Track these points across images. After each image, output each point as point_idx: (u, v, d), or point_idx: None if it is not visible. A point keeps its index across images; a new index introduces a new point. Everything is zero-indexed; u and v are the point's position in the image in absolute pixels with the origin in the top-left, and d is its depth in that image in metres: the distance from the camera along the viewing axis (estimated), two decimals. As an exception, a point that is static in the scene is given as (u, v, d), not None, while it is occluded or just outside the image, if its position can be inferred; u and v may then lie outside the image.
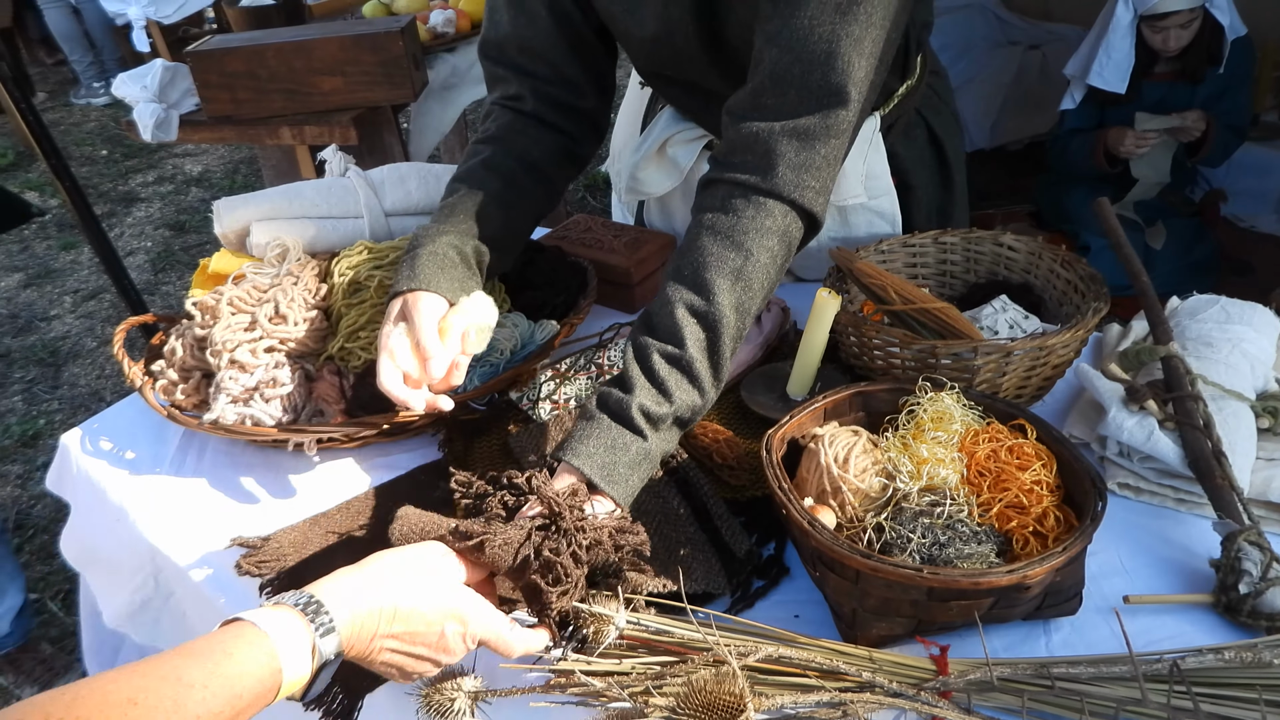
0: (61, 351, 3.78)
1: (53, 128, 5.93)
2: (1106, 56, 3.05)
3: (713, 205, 1.08)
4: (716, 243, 1.05)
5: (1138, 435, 1.08)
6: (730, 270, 1.04)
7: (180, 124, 2.51)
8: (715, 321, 1.02)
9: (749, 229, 1.05)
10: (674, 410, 1.01)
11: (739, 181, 1.07)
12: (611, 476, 0.97)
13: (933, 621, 0.90)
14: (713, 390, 1.04)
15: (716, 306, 1.02)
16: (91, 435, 1.41)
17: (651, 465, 1.01)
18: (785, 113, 1.06)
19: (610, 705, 0.85)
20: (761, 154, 1.06)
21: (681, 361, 1.02)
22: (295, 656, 0.73)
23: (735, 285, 1.04)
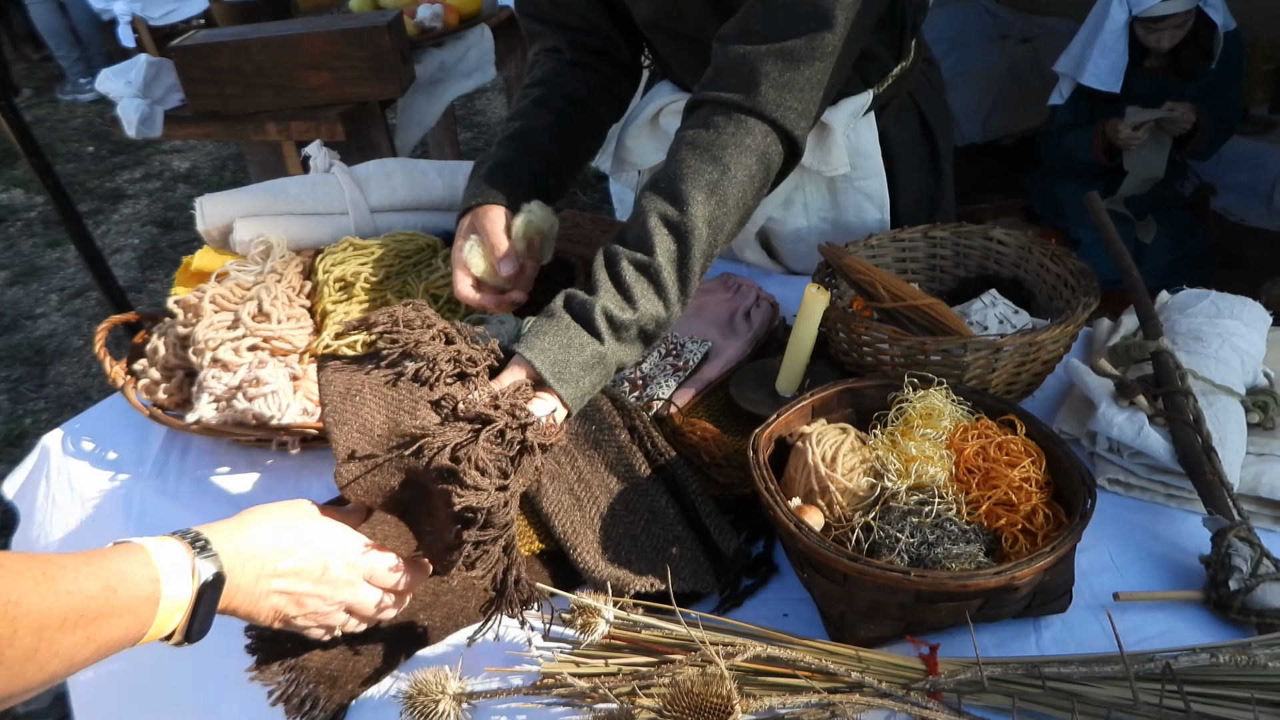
0: (47, 350, 3.75)
1: (38, 124, 5.92)
2: (1101, 57, 3.05)
3: (695, 123, 1.10)
4: (695, 156, 1.06)
5: (1128, 431, 1.08)
6: (706, 183, 1.04)
7: (166, 120, 2.48)
8: (687, 233, 1.03)
9: (728, 144, 1.06)
10: (638, 318, 1.01)
11: (722, 100, 1.09)
12: (562, 375, 0.96)
13: (921, 623, 0.89)
14: (678, 304, 1.04)
15: (689, 218, 1.03)
16: (73, 435, 1.39)
17: (606, 372, 1.01)
18: (773, 35, 1.08)
19: (597, 706, 0.84)
20: (746, 74, 1.08)
21: (650, 269, 1.02)
22: (173, 570, 0.71)
23: (710, 199, 1.04)
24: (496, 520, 0.82)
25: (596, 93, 1.44)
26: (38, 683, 0.63)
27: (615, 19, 1.44)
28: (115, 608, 0.67)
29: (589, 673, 0.86)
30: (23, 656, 0.61)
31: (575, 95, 1.41)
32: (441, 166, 1.58)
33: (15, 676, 0.61)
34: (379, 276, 1.37)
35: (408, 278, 1.38)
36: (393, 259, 1.40)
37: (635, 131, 1.63)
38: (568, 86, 1.41)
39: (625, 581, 0.98)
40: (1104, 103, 3.17)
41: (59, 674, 0.65)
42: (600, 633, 0.87)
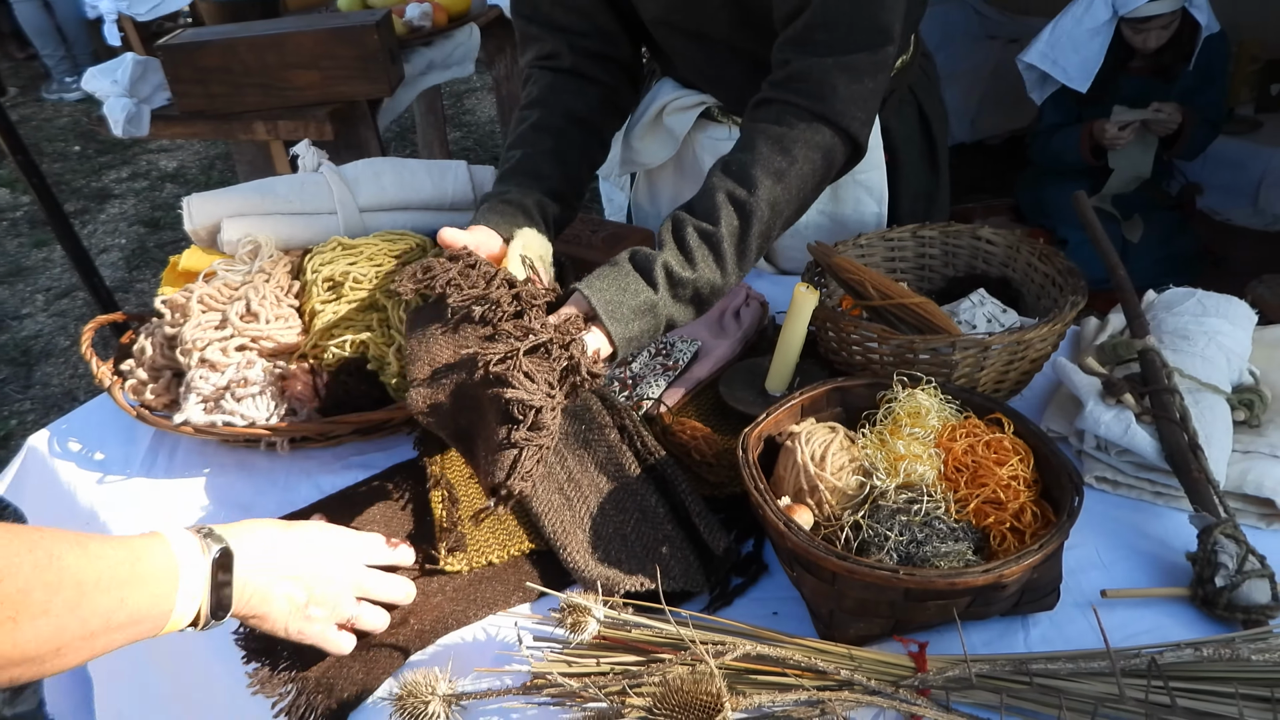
0: (33, 351, 3.73)
1: (24, 123, 5.88)
2: (1074, 51, 3.05)
3: (768, 117, 1.16)
4: (767, 145, 1.13)
5: (1115, 429, 1.08)
6: (774, 170, 1.11)
7: (153, 119, 2.47)
8: (750, 212, 1.10)
9: (799, 139, 1.13)
10: (695, 278, 1.06)
11: (795, 103, 1.15)
12: (614, 314, 1.01)
13: (911, 621, 0.90)
14: (734, 275, 1.11)
15: (755, 198, 1.10)
16: (60, 436, 1.38)
17: (656, 323, 1.06)
18: (837, 48, 1.14)
19: (587, 706, 0.84)
20: (816, 84, 1.14)
21: (712, 238, 1.08)
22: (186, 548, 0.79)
23: (776, 185, 1.11)
24: (544, 422, 0.89)
25: (597, 106, 1.42)
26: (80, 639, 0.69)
27: (618, 15, 1.43)
28: (140, 575, 0.74)
29: (579, 672, 0.86)
30: (67, 607, 0.67)
31: (575, 112, 1.38)
32: (430, 166, 1.58)
33: (62, 629, 0.67)
34: (368, 276, 1.36)
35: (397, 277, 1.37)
36: (381, 258, 1.39)
37: (640, 132, 1.62)
38: (566, 104, 1.38)
39: (615, 581, 0.98)
40: (1091, 103, 3.18)
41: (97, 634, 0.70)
42: (590, 632, 0.87)
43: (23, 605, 0.64)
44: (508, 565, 1.07)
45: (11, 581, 0.64)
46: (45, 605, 0.66)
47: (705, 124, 1.59)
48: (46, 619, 0.66)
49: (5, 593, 0.63)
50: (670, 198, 1.75)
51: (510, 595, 1.03)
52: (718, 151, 1.58)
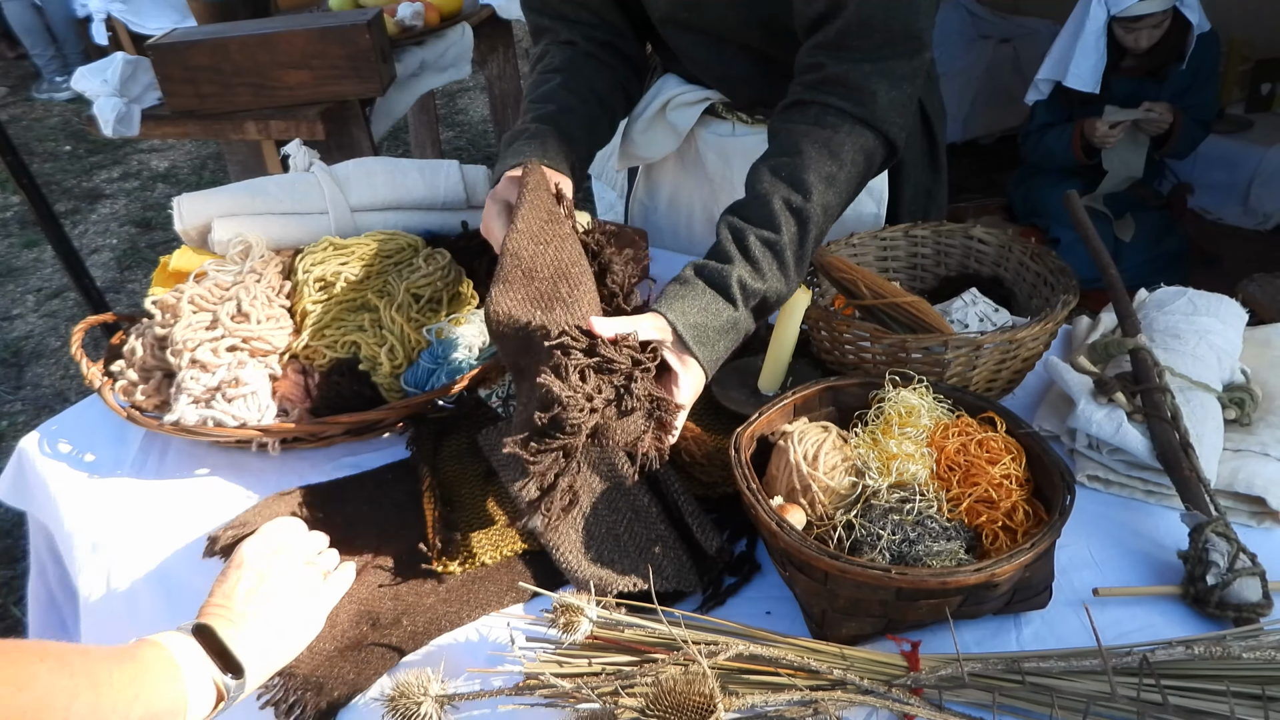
0: (24, 351, 3.71)
1: (14, 123, 5.85)
2: (1083, 57, 3.07)
3: (807, 119, 1.15)
4: (815, 149, 1.11)
5: (1106, 427, 1.08)
6: (826, 174, 1.10)
7: (143, 119, 2.45)
8: (807, 218, 1.08)
9: (845, 143, 1.12)
10: (765, 289, 1.05)
11: (836, 106, 1.14)
12: (702, 339, 1.01)
13: (903, 620, 0.90)
14: (796, 282, 1.10)
15: (811, 204, 1.08)
16: (50, 438, 1.37)
17: (737, 337, 1.05)
18: (873, 55, 1.13)
19: (580, 706, 0.84)
20: (856, 89, 1.13)
21: (776, 247, 1.06)
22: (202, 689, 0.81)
23: (828, 189, 1.10)
24: (567, 422, 0.89)
25: (613, 88, 1.44)
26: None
27: (625, 12, 1.44)
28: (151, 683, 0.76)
29: (572, 673, 0.86)
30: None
31: (596, 87, 1.40)
32: (423, 165, 1.57)
33: None
34: (359, 276, 1.36)
35: (388, 277, 1.37)
36: (373, 258, 1.39)
37: (642, 126, 1.62)
38: (589, 78, 1.40)
39: (608, 581, 0.98)
40: (1082, 103, 3.19)
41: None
42: (583, 632, 0.87)
43: (45, 711, 0.65)
44: (500, 566, 1.07)
45: (32, 690, 0.65)
46: (66, 709, 0.67)
47: (708, 120, 1.59)
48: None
49: (26, 701, 0.64)
50: (670, 194, 1.75)
51: (503, 596, 1.02)
52: (721, 147, 1.59)
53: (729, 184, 1.61)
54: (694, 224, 1.75)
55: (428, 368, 1.28)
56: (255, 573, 0.92)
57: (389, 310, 1.31)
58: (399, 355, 1.28)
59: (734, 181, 1.59)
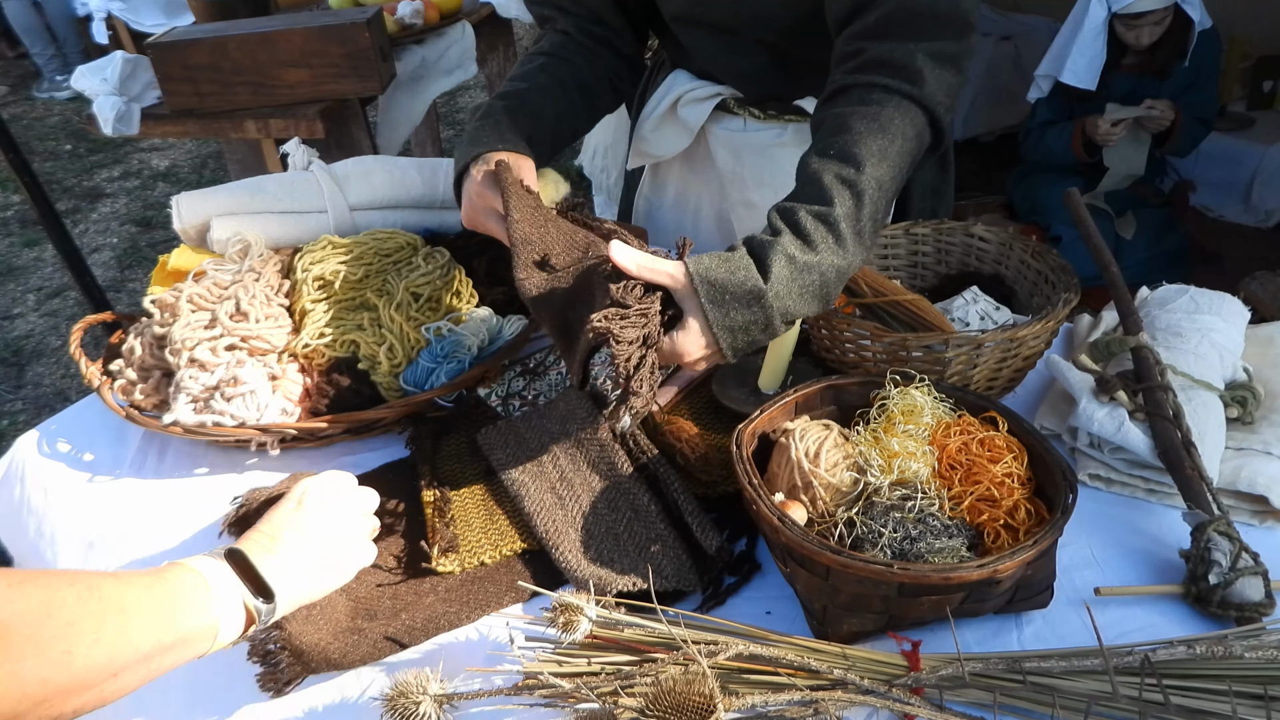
0: (25, 351, 3.71)
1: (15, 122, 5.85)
2: (1080, 54, 3.07)
3: (850, 101, 1.10)
4: (864, 124, 1.06)
5: (1108, 426, 1.08)
6: (877, 149, 1.05)
7: (143, 118, 2.45)
8: (862, 191, 1.03)
9: (894, 118, 1.07)
10: (818, 262, 0.99)
11: (882, 84, 1.09)
12: (715, 298, 0.96)
13: (904, 617, 0.89)
14: (857, 257, 1.03)
15: (864, 176, 1.03)
16: (49, 437, 1.37)
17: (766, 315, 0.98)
18: (919, 37, 1.09)
19: (579, 706, 0.84)
20: (902, 68, 1.09)
21: (829, 219, 1.01)
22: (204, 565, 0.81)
23: (880, 163, 1.05)
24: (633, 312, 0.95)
25: (599, 79, 1.43)
26: (135, 662, 0.70)
27: (624, 12, 1.44)
28: (174, 594, 0.76)
29: (571, 672, 0.86)
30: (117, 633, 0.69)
31: (580, 75, 1.40)
32: (421, 164, 1.57)
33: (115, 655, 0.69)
34: (358, 275, 1.36)
35: (387, 276, 1.37)
36: (372, 257, 1.39)
37: (655, 123, 1.61)
38: (574, 65, 1.40)
39: (607, 581, 0.98)
40: (1083, 100, 3.19)
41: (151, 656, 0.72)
42: (582, 632, 0.86)
43: (75, 637, 0.66)
44: (500, 565, 1.06)
45: (60, 615, 0.66)
46: (96, 634, 0.67)
47: (720, 115, 1.58)
48: (100, 647, 0.67)
49: (56, 626, 0.65)
50: (677, 192, 1.74)
51: (503, 595, 1.02)
52: (732, 143, 1.58)
53: (740, 180, 1.60)
54: (701, 221, 1.74)
55: (427, 367, 1.28)
56: (306, 506, 0.93)
57: (388, 309, 1.31)
58: (398, 354, 1.28)
59: (745, 178, 1.59)
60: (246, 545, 0.86)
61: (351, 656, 0.93)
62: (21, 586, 0.65)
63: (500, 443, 1.21)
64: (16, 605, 0.64)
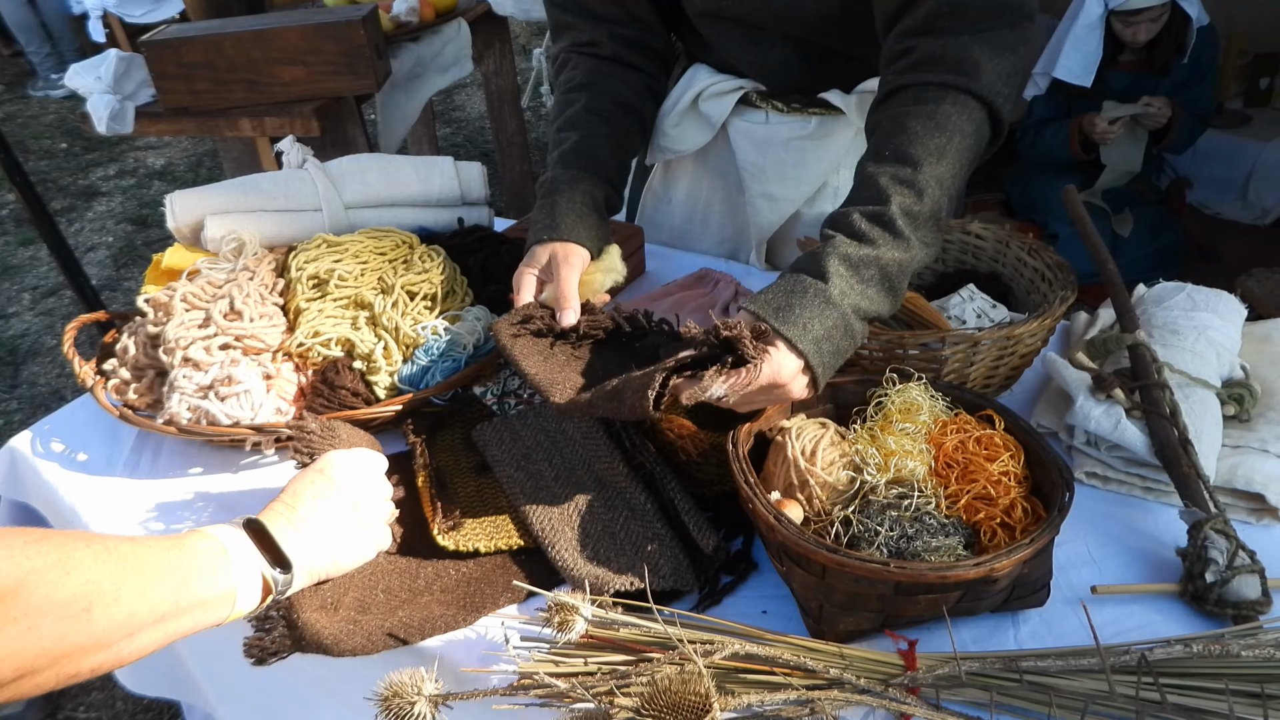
0: (20, 350, 3.70)
1: (9, 120, 5.84)
2: (1075, 50, 3.07)
3: (904, 102, 1.08)
4: (920, 124, 1.04)
5: (1105, 424, 1.08)
6: (934, 147, 1.03)
7: (137, 116, 2.44)
8: (921, 189, 1.01)
9: (951, 114, 1.04)
10: (876, 255, 0.97)
11: (936, 81, 1.06)
12: (788, 318, 0.94)
13: (900, 615, 0.89)
14: (920, 249, 1.01)
15: (922, 175, 1.01)
16: (43, 437, 1.37)
17: (842, 318, 0.96)
18: (973, 28, 1.06)
19: (574, 706, 0.83)
20: (956, 61, 1.06)
21: (883, 217, 0.99)
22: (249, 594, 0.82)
23: (939, 162, 1.03)
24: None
25: (640, 94, 1.42)
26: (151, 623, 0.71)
27: (654, 4, 1.42)
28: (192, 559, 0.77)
29: (567, 672, 0.85)
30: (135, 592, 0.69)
31: (621, 98, 1.38)
32: (417, 162, 1.56)
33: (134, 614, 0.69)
34: (353, 274, 1.35)
35: (383, 274, 1.36)
36: (367, 256, 1.38)
37: (675, 119, 1.59)
38: (613, 89, 1.38)
39: (604, 580, 0.97)
40: (1080, 98, 3.19)
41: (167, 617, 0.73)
42: (578, 631, 0.86)
43: (95, 595, 0.66)
44: (496, 565, 1.06)
45: (79, 574, 0.66)
46: (115, 593, 0.68)
47: (742, 109, 1.56)
48: (118, 606, 0.68)
49: (75, 585, 0.65)
50: (688, 187, 1.72)
51: (498, 597, 1.02)
52: (752, 137, 1.56)
53: (761, 173, 1.58)
54: (711, 217, 1.73)
55: (422, 365, 1.28)
56: (331, 482, 0.93)
57: (383, 308, 1.30)
58: (393, 353, 1.28)
59: (767, 171, 1.57)
60: (266, 516, 0.87)
61: (344, 644, 0.93)
62: (39, 544, 0.65)
63: (495, 439, 1.21)
64: (35, 561, 0.64)
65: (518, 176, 4.01)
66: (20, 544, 0.64)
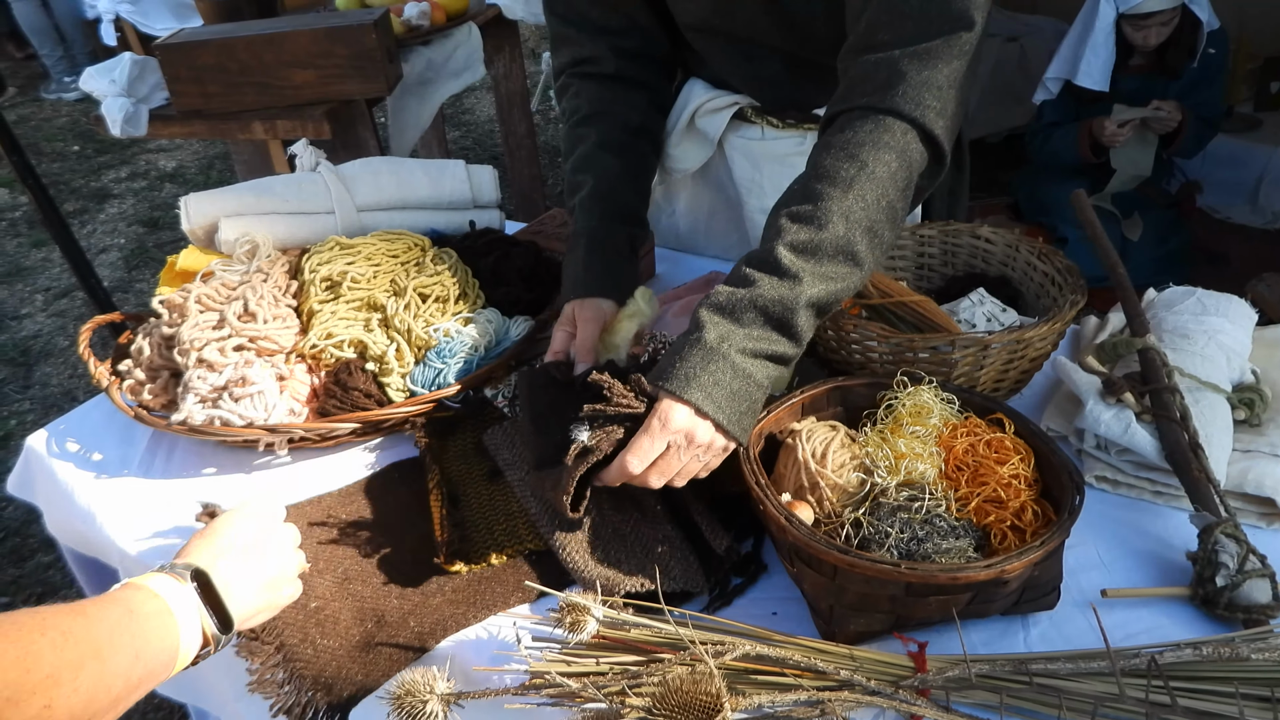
0: (33, 351, 3.72)
1: (22, 123, 5.88)
2: (1093, 55, 3.07)
3: (832, 132, 1.07)
4: (830, 156, 1.03)
5: (1115, 428, 1.08)
6: (843, 179, 1.01)
7: (151, 119, 2.46)
8: (822, 223, 0.99)
9: (864, 142, 1.03)
10: (752, 296, 0.97)
11: (859, 105, 1.06)
12: (668, 374, 0.95)
13: (911, 617, 0.89)
14: (818, 283, 0.98)
15: (823, 207, 1.00)
16: (58, 437, 1.38)
17: (723, 359, 0.95)
18: (904, 41, 1.05)
19: (586, 706, 0.84)
20: (883, 79, 1.05)
21: (768, 259, 0.99)
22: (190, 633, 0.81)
23: (847, 194, 1.00)
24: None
25: (647, 113, 1.42)
26: (107, 705, 0.71)
27: (655, 12, 1.42)
28: (141, 623, 0.76)
29: (578, 672, 0.86)
30: (93, 680, 0.69)
31: (631, 123, 1.37)
32: (428, 165, 1.57)
33: (91, 700, 0.69)
34: (365, 276, 1.36)
35: (395, 277, 1.37)
36: (380, 258, 1.39)
37: (677, 138, 1.58)
38: (621, 115, 1.38)
39: (615, 582, 0.98)
40: (1090, 101, 3.18)
41: (121, 698, 0.73)
42: (589, 632, 0.87)
43: (54, 690, 0.66)
44: (507, 565, 1.07)
45: (38, 669, 0.65)
46: (74, 684, 0.67)
47: (737, 124, 1.56)
48: (77, 696, 0.67)
49: (35, 681, 0.65)
50: (688, 204, 1.72)
51: (509, 596, 1.02)
52: (748, 153, 1.56)
53: (759, 189, 1.58)
54: (714, 226, 1.72)
55: (435, 367, 1.28)
56: (233, 519, 0.93)
57: (395, 310, 1.31)
58: (405, 355, 1.28)
59: (764, 186, 1.57)
60: (207, 566, 0.85)
61: (375, 674, 0.95)
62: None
63: (507, 443, 1.21)
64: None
65: (527, 180, 4.02)
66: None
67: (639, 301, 1.26)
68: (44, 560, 2.63)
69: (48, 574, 2.58)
